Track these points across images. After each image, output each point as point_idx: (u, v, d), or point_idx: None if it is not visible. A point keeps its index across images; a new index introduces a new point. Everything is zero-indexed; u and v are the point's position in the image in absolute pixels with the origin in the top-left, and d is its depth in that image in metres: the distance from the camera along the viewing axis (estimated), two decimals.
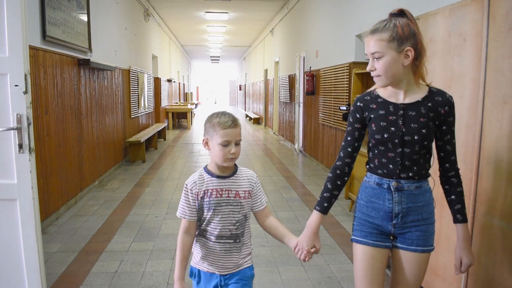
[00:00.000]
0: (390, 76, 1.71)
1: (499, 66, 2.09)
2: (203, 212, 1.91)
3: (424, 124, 1.72)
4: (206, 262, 1.95)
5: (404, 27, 1.67)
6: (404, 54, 1.68)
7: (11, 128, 2.54)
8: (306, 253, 1.91)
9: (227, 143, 1.83)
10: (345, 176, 1.92)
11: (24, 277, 2.75)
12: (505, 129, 2.06)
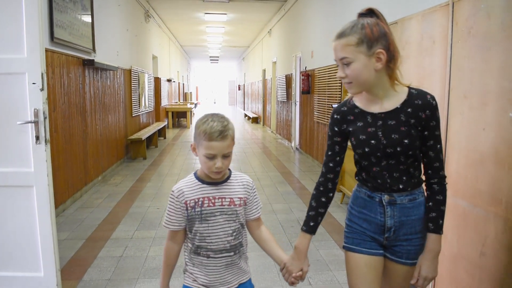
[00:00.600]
0: (362, 82, 1.58)
1: (461, 65, 2.38)
2: (194, 224, 1.72)
3: (406, 134, 1.59)
4: (205, 282, 1.76)
5: (373, 27, 1.54)
6: (376, 58, 1.54)
7: (29, 122, 2.83)
8: (293, 279, 1.79)
9: (212, 156, 1.63)
10: (329, 192, 1.80)
11: (39, 260, 3.02)
12: (465, 120, 2.35)
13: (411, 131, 1.59)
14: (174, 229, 1.74)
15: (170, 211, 1.73)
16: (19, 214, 2.97)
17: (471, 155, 2.29)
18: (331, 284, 3.29)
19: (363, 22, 1.56)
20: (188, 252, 1.79)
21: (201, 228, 1.70)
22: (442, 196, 1.64)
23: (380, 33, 1.54)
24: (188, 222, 1.73)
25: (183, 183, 1.75)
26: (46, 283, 3.03)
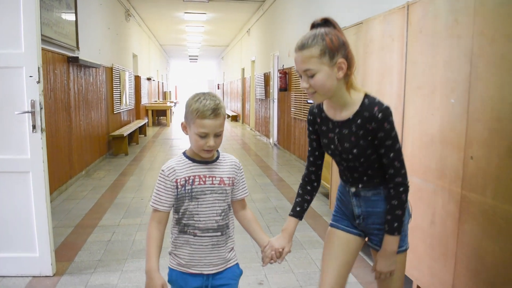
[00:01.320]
0: (327, 91, 1.65)
1: (414, 60, 2.72)
2: (183, 203, 1.72)
3: (355, 144, 1.68)
4: (192, 262, 1.76)
5: (333, 38, 1.60)
6: (338, 67, 1.62)
7: (26, 112, 3.07)
8: (272, 254, 1.82)
9: (204, 134, 1.64)
10: (313, 182, 1.93)
11: (35, 241, 3.25)
12: (418, 108, 2.69)
13: (359, 142, 1.67)
14: (162, 209, 1.71)
15: (159, 190, 1.71)
16: (16, 198, 3.20)
17: (423, 138, 2.63)
18: (305, 260, 3.61)
19: (322, 33, 1.61)
20: (175, 233, 1.78)
21: (191, 206, 1.71)
22: (397, 201, 1.68)
23: (339, 43, 1.61)
24: (176, 202, 1.73)
25: (173, 162, 1.74)
26: (41, 262, 3.26)
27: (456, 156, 2.32)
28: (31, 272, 3.27)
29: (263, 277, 3.31)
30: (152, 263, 1.70)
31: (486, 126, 2.08)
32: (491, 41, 2.04)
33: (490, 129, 2.06)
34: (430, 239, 2.59)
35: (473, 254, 2.22)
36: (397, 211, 1.69)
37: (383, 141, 1.64)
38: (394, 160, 1.67)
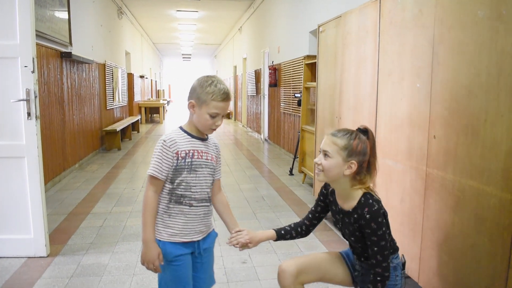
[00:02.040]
0: (330, 176, 1.90)
1: (386, 49, 2.91)
2: (180, 174, 1.83)
3: (352, 233, 1.96)
4: (185, 231, 1.88)
5: (359, 145, 1.86)
6: (348, 165, 1.86)
7: (21, 100, 3.23)
8: (239, 242, 1.98)
9: (215, 115, 1.81)
10: (302, 231, 2.17)
11: (30, 223, 3.42)
12: (389, 94, 2.88)
13: (355, 233, 1.94)
14: (161, 178, 1.80)
15: (160, 159, 1.80)
16: (12, 182, 3.36)
17: (393, 121, 2.82)
18: (287, 243, 3.79)
19: (354, 136, 1.89)
20: (165, 203, 1.86)
21: (189, 177, 1.83)
22: (372, 286, 1.88)
23: (361, 151, 1.87)
24: (173, 173, 1.82)
25: (173, 134, 1.85)
26: (36, 244, 3.43)
27: (421, 137, 2.51)
28: (26, 253, 3.43)
29: (246, 256, 3.49)
30: (150, 233, 1.81)
31: (446, 107, 2.27)
32: (449, 28, 2.23)
33: (449, 109, 2.25)
34: (401, 216, 2.78)
35: (436, 226, 2.41)
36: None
37: (369, 236, 1.87)
38: (377, 254, 1.88)
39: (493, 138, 1.94)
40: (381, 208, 1.89)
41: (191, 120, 1.90)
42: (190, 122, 1.91)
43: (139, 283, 3.02)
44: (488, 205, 1.98)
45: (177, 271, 1.87)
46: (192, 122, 1.90)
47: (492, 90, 1.94)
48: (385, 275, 1.90)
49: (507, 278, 1.88)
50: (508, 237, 1.87)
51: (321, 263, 2.21)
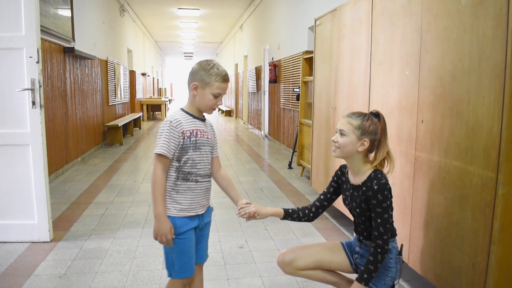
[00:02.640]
0: (345, 152, 2.10)
1: (377, 39, 3.01)
2: (186, 152, 1.95)
3: (359, 205, 2.11)
4: (192, 206, 2.01)
5: (371, 125, 2.07)
6: (361, 142, 2.07)
7: (26, 89, 3.34)
8: (248, 212, 2.16)
9: (218, 95, 1.97)
10: (310, 213, 2.33)
11: (34, 209, 3.53)
12: (381, 82, 2.98)
13: (361, 205, 2.10)
14: (169, 156, 1.92)
15: (167, 139, 1.91)
16: (17, 169, 3.47)
17: (384, 108, 2.91)
18: (284, 229, 3.89)
19: (367, 117, 2.10)
20: (173, 180, 1.98)
21: (194, 155, 1.97)
22: (372, 258, 2.02)
23: (372, 130, 2.08)
24: (179, 151, 1.95)
25: (177, 115, 1.97)
26: (39, 229, 3.54)
27: (410, 122, 2.61)
28: (30, 238, 3.54)
29: (243, 242, 3.59)
30: (161, 208, 1.93)
31: (432, 91, 2.38)
32: (435, 17, 2.34)
33: (435, 93, 2.35)
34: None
35: (424, 207, 2.51)
36: (370, 266, 2.04)
37: (374, 207, 2.04)
38: (379, 225, 2.04)
39: (475, 119, 2.04)
40: (388, 183, 2.06)
41: (192, 102, 2.03)
42: (191, 104, 2.04)
43: (139, 265, 3.13)
44: (471, 184, 2.08)
45: (185, 244, 2.00)
46: (193, 104, 2.03)
47: (474, 73, 2.04)
48: (385, 248, 2.05)
49: (489, 252, 1.99)
50: (490, 212, 1.97)
51: (318, 249, 2.37)
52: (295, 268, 2.27)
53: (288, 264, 2.27)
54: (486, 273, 2.00)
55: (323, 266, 2.31)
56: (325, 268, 2.32)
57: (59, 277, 2.94)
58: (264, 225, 4.00)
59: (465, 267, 2.14)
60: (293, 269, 2.28)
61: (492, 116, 1.93)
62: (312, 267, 2.29)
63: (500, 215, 1.93)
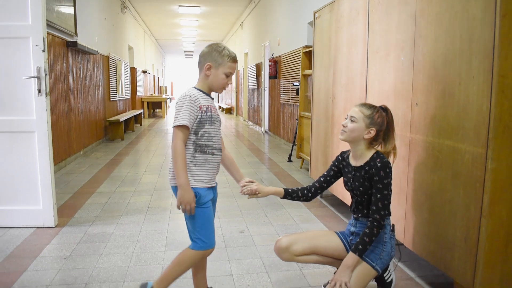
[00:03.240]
0: (352, 136, 2.27)
1: (374, 28, 3.10)
2: (203, 126, 2.08)
3: (362, 184, 2.27)
4: (209, 177, 2.14)
5: (379, 117, 2.26)
6: (368, 131, 2.24)
7: (32, 77, 3.43)
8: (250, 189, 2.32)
9: (229, 74, 2.12)
10: (309, 193, 2.48)
11: (39, 195, 3.62)
12: (377, 69, 3.07)
13: (365, 183, 2.26)
14: (189, 126, 2.04)
15: (186, 111, 2.03)
16: (22, 156, 3.56)
17: (381, 95, 3.01)
18: (283, 216, 3.98)
19: (377, 109, 2.29)
20: (191, 153, 2.09)
21: (210, 129, 2.10)
22: (368, 231, 2.17)
23: (380, 122, 2.27)
24: (197, 125, 2.07)
25: (193, 91, 2.10)
26: (44, 214, 3.63)
27: (405, 105, 2.70)
28: (35, 224, 3.63)
29: (244, 227, 3.68)
30: (184, 177, 2.03)
31: (426, 75, 2.46)
32: (428, 2, 2.42)
33: (429, 77, 2.44)
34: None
35: (418, 187, 2.60)
36: (365, 238, 2.18)
37: (376, 183, 2.21)
38: (379, 200, 2.20)
39: (466, 99, 2.13)
40: (390, 163, 2.24)
41: (204, 81, 2.16)
42: (203, 83, 2.16)
43: (142, 248, 3.22)
44: (463, 161, 2.17)
45: (208, 213, 2.14)
46: (205, 83, 2.16)
47: (465, 55, 2.13)
48: (381, 223, 2.20)
49: (480, 226, 2.07)
50: (480, 187, 2.06)
51: (313, 235, 2.52)
52: (291, 253, 2.36)
53: (285, 249, 2.36)
54: (477, 246, 2.09)
55: (318, 251, 2.41)
56: (320, 253, 2.42)
57: (64, 258, 3.02)
58: (264, 212, 4.09)
59: (457, 242, 2.23)
60: (290, 254, 2.36)
61: (481, 95, 2.02)
62: (308, 252, 2.39)
63: (489, 189, 2.02)
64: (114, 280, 2.69)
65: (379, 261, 2.26)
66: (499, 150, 1.99)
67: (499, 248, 2.09)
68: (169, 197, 4.62)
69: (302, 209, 4.21)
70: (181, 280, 2.62)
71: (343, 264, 2.19)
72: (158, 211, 4.13)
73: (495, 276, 2.12)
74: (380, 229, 2.20)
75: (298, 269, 2.84)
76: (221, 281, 2.68)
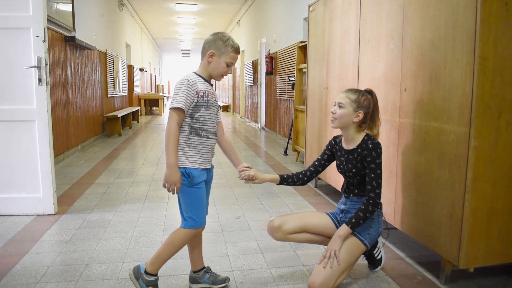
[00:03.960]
0: (342, 122, 2.38)
1: (365, 18, 3.20)
2: (199, 110, 2.14)
3: (354, 165, 2.38)
4: (203, 159, 2.19)
5: (365, 100, 2.37)
6: (356, 114, 2.36)
7: (33, 66, 3.51)
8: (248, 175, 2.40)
9: (231, 64, 2.18)
10: (304, 177, 2.58)
11: (39, 182, 3.70)
12: (369, 58, 3.17)
13: (357, 164, 2.38)
14: (185, 109, 2.10)
15: (183, 95, 2.09)
16: (23, 144, 3.64)
17: (372, 82, 3.10)
18: (279, 204, 4.08)
19: (362, 93, 2.40)
20: (186, 135, 2.16)
21: (206, 113, 2.16)
22: (364, 207, 2.30)
23: (366, 104, 2.38)
24: (193, 108, 2.13)
25: (192, 76, 2.17)
26: (44, 202, 3.71)
27: (394, 91, 2.80)
28: (35, 211, 3.71)
29: (240, 213, 3.78)
30: (174, 158, 2.10)
31: (413, 61, 2.56)
32: None
33: (416, 63, 2.54)
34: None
35: (407, 169, 2.70)
36: (359, 213, 2.30)
37: (369, 164, 2.33)
38: (373, 180, 2.32)
39: (451, 81, 2.23)
40: (380, 144, 2.35)
41: (204, 68, 2.22)
42: (203, 69, 2.23)
43: (140, 232, 3.31)
44: (448, 141, 2.27)
45: (201, 193, 2.21)
46: (206, 69, 2.22)
47: (449, 39, 2.23)
48: (377, 201, 2.32)
49: (464, 201, 2.17)
50: (464, 165, 2.16)
51: (304, 214, 2.65)
52: (283, 232, 2.47)
53: (277, 229, 2.47)
54: (462, 222, 2.19)
55: (309, 229, 2.53)
56: (311, 231, 2.53)
57: (65, 242, 3.11)
58: (259, 200, 4.18)
59: (443, 219, 2.33)
60: (282, 233, 2.47)
61: (465, 77, 2.13)
62: (299, 230, 2.51)
63: (472, 166, 2.12)
64: (113, 261, 2.78)
65: (368, 236, 2.36)
66: (481, 128, 2.09)
67: (483, 223, 2.19)
68: None
69: (297, 197, 4.31)
70: (178, 261, 2.72)
71: (335, 235, 2.31)
72: (156, 200, 4.22)
73: (479, 250, 2.22)
74: (376, 207, 2.31)
75: (292, 250, 2.94)
76: (218, 261, 2.77)
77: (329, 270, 2.22)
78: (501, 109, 2.11)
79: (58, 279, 2.51)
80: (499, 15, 2.04)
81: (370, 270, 2.64)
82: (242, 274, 2.59)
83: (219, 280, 2.42)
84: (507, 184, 2.20)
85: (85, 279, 2.52)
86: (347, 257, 2.28)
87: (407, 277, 2.56)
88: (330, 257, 2.24)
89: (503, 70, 2.08)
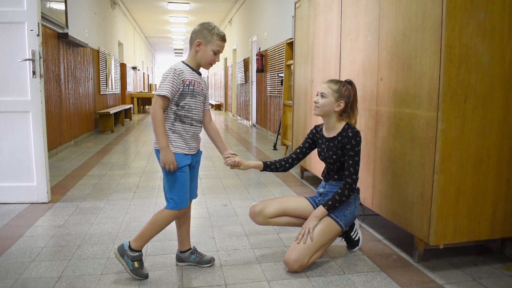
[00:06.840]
0: (324, 111, 2.52)
1: (346, 13, 3.35)
2: (184, 98, 2.23)
3: (334, 152, 2.52)
4: (188, 146, 2.29)
5: (346, 90, 2.51)
6: (337, 104, 2.50)
7: (27, 59, 3.64)
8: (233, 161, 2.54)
9: (218, 52, 2.27)
10: (286, 164, 2.72)
11: (33, 172, 3.82)
12: (348, 50, 3.32)
13: (337, 151, 2.52)
14: (169, 96, 2.19)
15: (169, 83, 2.19)
16: (18, 135, 3.75)
17: (352, 73, 3.26)
18: (266, 193, 4.23)
19: (343, 83, 2.54)
20: (171, 122, 2.25)
21: (191, 102, 2.26)
22: (340, 191, 2.45)
23: (347, 94, 2.52)
24: (178, 97, 2.23)
25: (180, 65, 2.26)
26: (38, 191, 3.83)
27: (372, 81, 2.96)
28: (29, 199, 3.83)
29: (227, 201, 3.92)
30: (165, 140, 2.21)
31: (388, 51, 2.72)
32: None
33: (391, 53, 2.69)
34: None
35: (383, 155, 2.85)
36: (336, 196, 2.47)
37: (348, 151, 2.48)
38: (351, 166, 2.47)
39: (421, 69, 2.39)
40: (359, 132, 2.50)
41: (193, 57, 2.32)
42: (191, 59, 2.32)
43: (131, 218, 3.44)
44: (419, 125, 2.43)
45: (184, 177, 2.31)
46: (194, 59, 2.32)
47: (420, 30, 2.38)
48: (353, 186, 2.48)
49: (433, 182, 2.33)
50: (433, 147, 2.32)
51: (284, 198, 2.79)
52: (265, 216, 2.64)
53: (259, 213, 2.64)
54: (431, 201, 2.35)
55: (289, 212, 2.69)
56: (291, 214, 2.70)
57: (58, 227, 3.23)
58: (247, 190, 4.33)
59: (415, 199, 2.49)
60: (263, 218, 2.64)
61: (433, 65, 2.28)
62: (279, 214, 2.67)
63: (440, 147, 2.27)
64: (104, 242, 2.91)
65: (343, 217, 2.51)
66: (448, 112, 2.25)
67: (451, 202, 2.35)
68: (157, 179, 4.84)
69: (283, 187, 4.45)
70: (166, 242, 2.86)
71: (312, 215, 2.47)
72: (147, 190, 4.36)
73: (448, 227, 2.38)
74: (352, 192, 2.47)
75: (275, 233, 3.08)
76: (204, 243, 2.91)
77: (304, 247, 2.38)
78: (467, 94, 2.27)
79: (51, 258, 2.64)
80: (464, 6, 2.19)
81: (348, 250, 2.79)
82: (226, 254, 2.73)
83: (204, 261, 2.55)
84: (474, 165, 2.35)
85: (77, 258, 2.65)
86: (322, 236, 2.43)
87: (383, 256, 2.71)
88: (304, 234, 2.41)
89: (468, 58, 2.24)
